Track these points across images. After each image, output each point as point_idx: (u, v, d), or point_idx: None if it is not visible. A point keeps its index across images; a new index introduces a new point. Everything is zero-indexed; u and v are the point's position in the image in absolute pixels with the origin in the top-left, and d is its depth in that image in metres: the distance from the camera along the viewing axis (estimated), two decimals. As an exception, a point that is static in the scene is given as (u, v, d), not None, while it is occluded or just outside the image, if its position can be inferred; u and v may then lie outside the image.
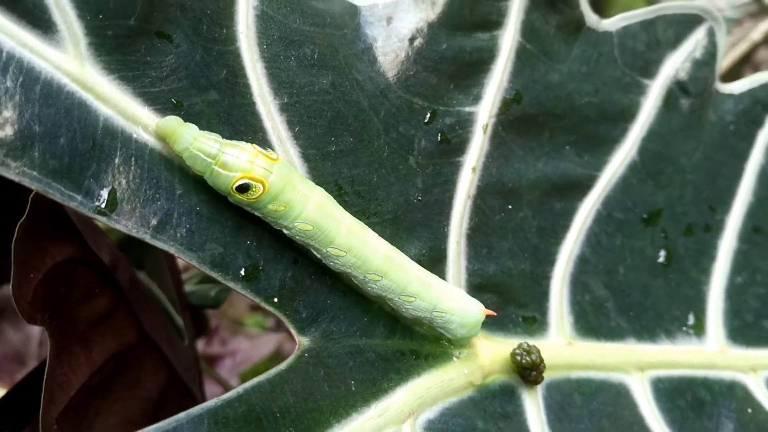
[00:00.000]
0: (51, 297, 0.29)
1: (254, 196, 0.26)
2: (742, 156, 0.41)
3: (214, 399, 0.26)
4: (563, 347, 0.35)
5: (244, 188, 0.26)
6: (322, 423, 0.28)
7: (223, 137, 0.26)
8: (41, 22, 0.25)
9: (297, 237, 0.28)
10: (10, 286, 0.27)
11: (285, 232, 0.28)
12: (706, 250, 0.40)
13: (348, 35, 0.32)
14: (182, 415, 0.25)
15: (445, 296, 0.31)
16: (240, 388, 0.26)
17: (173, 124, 0.26)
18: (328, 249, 0.28)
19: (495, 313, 0.33)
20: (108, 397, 0.33)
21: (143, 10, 0.26)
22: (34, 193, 0.28)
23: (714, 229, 0.40)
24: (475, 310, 0.31)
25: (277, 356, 1.10)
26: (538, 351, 0.33)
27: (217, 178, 0.26)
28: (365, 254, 0.29)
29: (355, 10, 0.32)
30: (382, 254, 0.29)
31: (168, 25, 0.27)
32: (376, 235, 0.30)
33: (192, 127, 0.26)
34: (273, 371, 0.27)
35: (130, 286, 0.34)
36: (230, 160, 0.26)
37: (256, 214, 0.28)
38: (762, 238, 0.41)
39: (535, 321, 0.35)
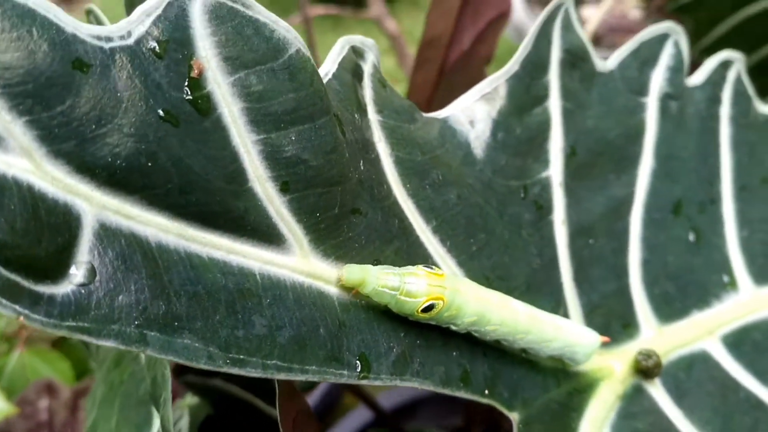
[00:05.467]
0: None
1: (436, 312, 0.31)
2: (716, 132, 0.50)
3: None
4: (656, 338, 0.43)
5: (428, 308, 0.31)
6: (555, 476, 0.34)
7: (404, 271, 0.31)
8: (274, 239, 0.28)
9: (464, 328, 0.33)
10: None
11: (453, 327, 0.33)
12: (717, 219, 0.48)
13: (449, 149, 0.37)
14: None
15: (575, 335, 0.37)
16: (503, 475, 0.32)
17: (359, 273, 0.30)
18: (486, 328, 0.34)
19: (609, 339, 0.39)
20: None
21: (342, 197, 0.30)
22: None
23: (716, 200, 0.49)
24: (594, 340, 0.38)
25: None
26: (655, 353, 0.40)
27: (403, 305, 0.30)
28: (513, 321, 0.34)
29: (444, 124, 0.37)
30: (525, 314, 0.35)
31: (357, 201, 0.31)
32: (517, 301, 0.35)
33: (371, 269, 0.30)
34: (512, 451, 0.33)
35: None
36: (413, 288, 0.30)
37: (431, 322, 0.32)
38: (748, 194, 0.50)
39: (630, 325, 0.42)
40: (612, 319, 0.42)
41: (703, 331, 0.45)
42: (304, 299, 0.29)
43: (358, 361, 0.29)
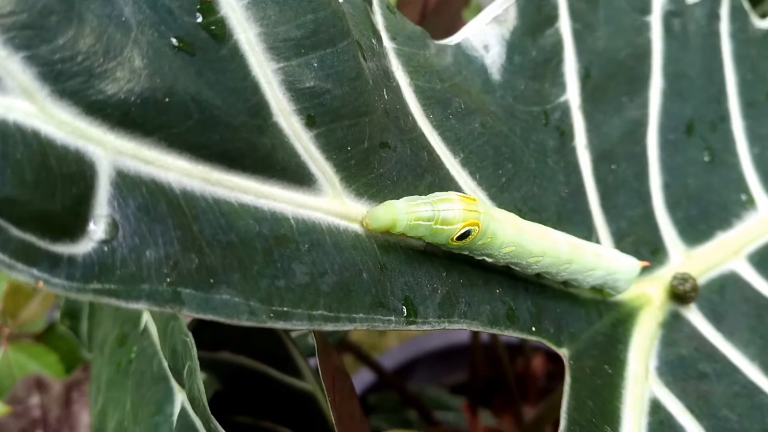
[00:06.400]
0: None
1: (470, 239, 0.29)
2: (718, 49, 0.48)
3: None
4: (685, 263, 0.41)
5: (464, 235, 0.28)
6: (613, 411, 0.32)
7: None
8: (304, 179, 0.26)
9: (501, 260, 0.31)
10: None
11: (489, 260, 0.31)
12: (729, 137, 0.47)
13: (467, 76, 0.34)
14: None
15: (616, 262, 0.35)
16: (564, 413, 0.30)
17: (386, 215, 0.26)
18: (528, 260, 0.31)
19: (649, 264, 0.38)
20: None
21: (370, 129, 0.27)
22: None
23: (726, 117, 0.47)
24: (635, 266, 0.36)
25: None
26: (691, 276, 0.38)
27: (439, 234, 0.27)
28: (555, 251, 0.32)
29: (458, 50, 0.35)
30: (566, 244, 0.33)
31: (385, 133, 0.28)
32: (555, 230, 0.33)
33: (399, 204, 0.27)
34: (566, 389, 0.31)
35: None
36: (449, 215, 0.27)
37: (464, 253, 0.30)
38: (755, 110, 0.49)
39: (659, 251, 0.41)
40: (641, 246, 0.40)
41: (730, 252, 0.43)
42: (343, 243, 0.26)
43: (403, 306, 0.27)
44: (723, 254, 0.43)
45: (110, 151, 0.21)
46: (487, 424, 0.73)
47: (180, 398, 0.32)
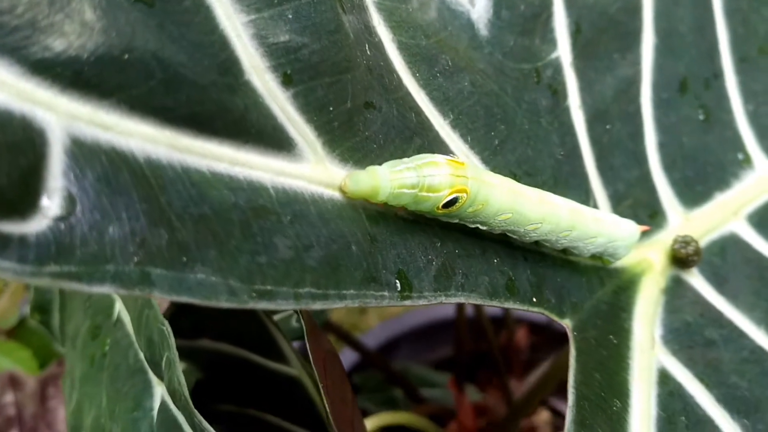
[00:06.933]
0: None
1: (457, 207, 0.26)
2: (708, 2, 0.46)
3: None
4: (685, 224, 0.39)
5: (451, 202, 0.26)
6: (621, 383, 0.30)
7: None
8: (283, 143, 0.23)
9: (497, 228, 0.29)
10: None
11: (483, 228, 0.28)
12: (723, 94, 0.45)
13: (453, 32, 0.32)
14: None
15: (616, 227, 0.33)
16: (571, 388, 0.28)
17: (368, 180, 0.24)
18: (527, 227, 0.29)
19: (648, 228, 0.36)
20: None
21: (353, 87, 0.25)
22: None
23: (719, 74, 0.45)
24: (635, 231, 0.34)
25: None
26: (693, 239, 0.36)
27: (424, 202, 0.25)
28: (555, 218, 0.30)
29: (441, 5, 0.32)
30: (566, 209, 0.30)
31: (369, 92, 0.26)
32: (554, 195, 0.31)
33: (380, 172, 0.24)
34: (572, 362, 0.29)
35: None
36: (435, 181, 0.25)
37: (453, 221, 0.28)
38: (748, 66, 0.47)
39: (657, 214, 0.39)
40: (639, 209, 0.38)
41: (729, 213, 0.41)
42: (328, 213, 0.24)
43: (397, 280, 0.25)
44: (722, 216, 0.41)
45: (63, 116, 0.19)
46: (473, 399, 0.72)
47: (159, 391, 0.30)
